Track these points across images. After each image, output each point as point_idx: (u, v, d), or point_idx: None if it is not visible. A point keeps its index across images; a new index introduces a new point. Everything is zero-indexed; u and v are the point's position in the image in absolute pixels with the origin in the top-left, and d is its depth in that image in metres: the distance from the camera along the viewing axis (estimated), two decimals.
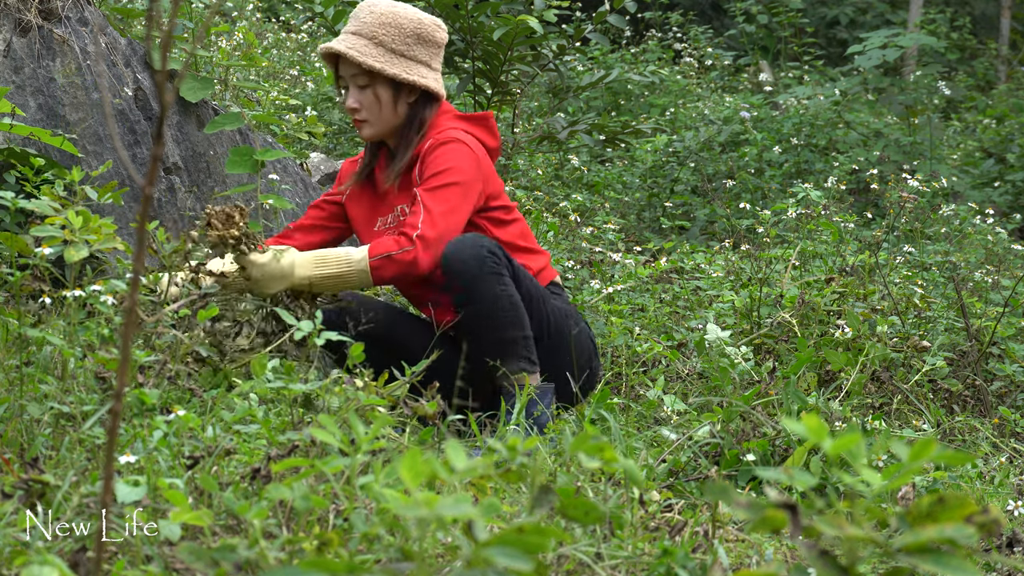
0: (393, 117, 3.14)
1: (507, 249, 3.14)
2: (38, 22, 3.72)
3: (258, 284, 2.86)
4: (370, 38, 3.09)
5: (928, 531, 1.20)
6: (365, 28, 3.10)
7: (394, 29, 3.09)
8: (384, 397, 2.28)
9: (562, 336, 3.17)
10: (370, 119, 3.13)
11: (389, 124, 3.14)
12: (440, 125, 3.16)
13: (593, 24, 5.80)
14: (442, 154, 3.07)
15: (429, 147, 3.09)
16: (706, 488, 1.30)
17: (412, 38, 3.10)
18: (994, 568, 2.46)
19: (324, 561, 1.20)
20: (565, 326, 3.17)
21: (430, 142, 3.10)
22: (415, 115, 3.14)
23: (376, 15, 3.10)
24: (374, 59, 3.06)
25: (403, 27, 3.09)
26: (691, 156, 7.64)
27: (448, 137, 3.10)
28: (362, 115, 3.13)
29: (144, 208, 1.23)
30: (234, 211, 2.81)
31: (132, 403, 2.08)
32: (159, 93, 1.72)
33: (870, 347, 3.50)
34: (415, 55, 3.11)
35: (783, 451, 2.87)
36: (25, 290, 2.47)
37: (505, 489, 2.30)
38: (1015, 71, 13.04)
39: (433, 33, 3.13)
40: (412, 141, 3.14)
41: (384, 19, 3.09)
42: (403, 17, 3.11)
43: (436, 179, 3.04)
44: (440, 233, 2.97)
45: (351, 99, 3.13)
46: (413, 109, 3.14)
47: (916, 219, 5.53)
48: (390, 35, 3.08)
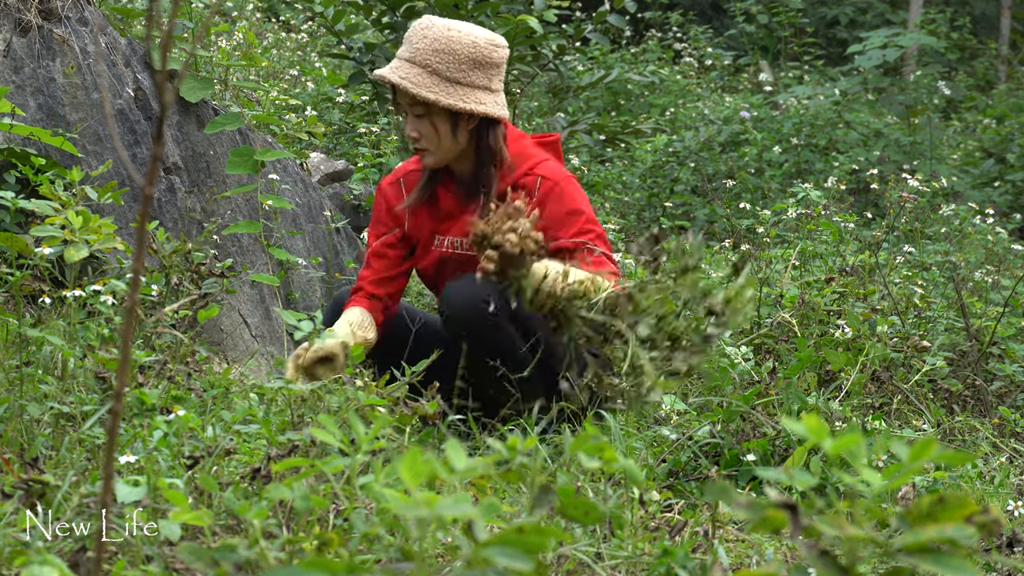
0: (454, 145, 3.04)
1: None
2: (38, 22, 3.72)
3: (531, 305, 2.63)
4: (424, 66, 2.97)
5: (928, 531, 1.20)
6: (419, 55, 2.98)
7: (448, 56, 2.97)
8: (384, 397, 2.28)
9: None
10: (430, 148, 3.04)
11: (450, 152, 3.05)
12: (530, 154, 3.11)
13: (593, 24, 5.80)
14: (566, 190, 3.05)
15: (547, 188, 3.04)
16: (706, 488, 1.30)
17: (468, 64, 2.98)
18: (994, 568, 2.46)
19: (324, 561, 1.20)
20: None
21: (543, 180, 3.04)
22: (481, 143, 3.05)
23: (429, 41, 2.98)
24: (428, 90, 2.96)
25: (457, 53, 2.97)
26: (691, 156, 7.64)
27: (560, 174, 3.07)
28: (422, 144, 3.04)
29: (144, 208, 1.23)
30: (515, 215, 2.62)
31: (132, 403, 2.08)
32: (159, 93, 1.72)
33: (870, 347, 3.50)
34: (472, 80, 2.99)
35: (783, 451, 2.87)
36: (25, 290, 2.47)
37: (505, 489, 2.30)
38: (1015, 71, 13.04)
39: (490, 55, 3.00)
40: (492, 175, 3.06)
41: (438, 45, 2.97)
42: (457, 42, 2.98)
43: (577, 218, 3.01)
44: (609, 255, 3.01)
45: (409, 127, 3.04)
46: (475, 136, 3.05)
47: (916, 219, 5.53)
48: (444, 62, 2.97)
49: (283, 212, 4.09)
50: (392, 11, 5.63)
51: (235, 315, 3.88)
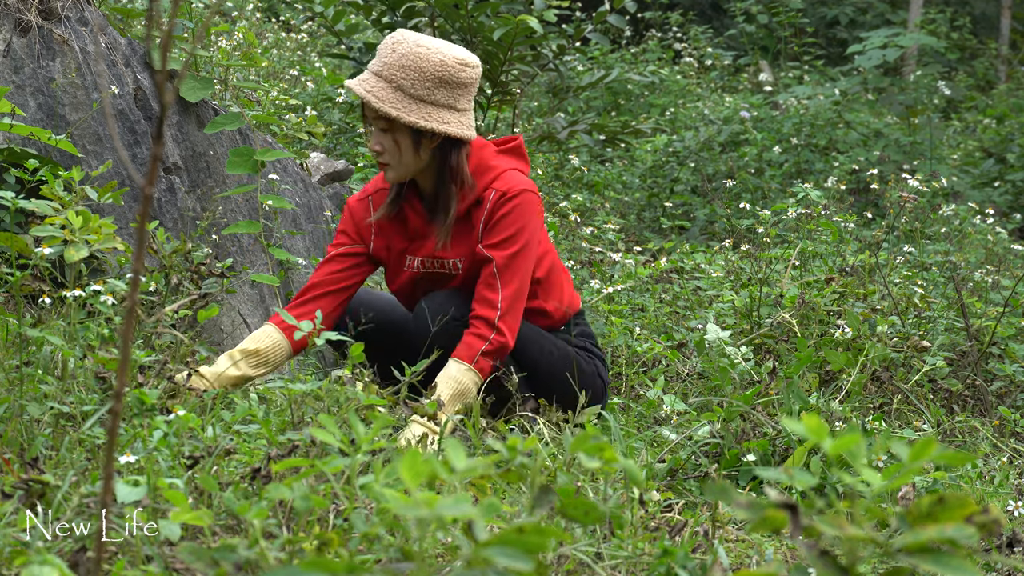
0: (415, 162, 3.04)
1: (536, 287, 3.16)
2: (38, 22, 3.72)
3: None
4: (389, 81, 2.97)
5: (928, 531, 1.20)
6: (386, 70, 2.98)
7: (414, 73, 2.96)
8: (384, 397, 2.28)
9: (561, 380, 3.18)
10: (392, 163, 3.04)
11: (411, 168, 3.05)
12: (490, 165, 3.10)
13: (593, 24, 5.80)
14: (513, 211, 3.05)
15: (498, 199, 3.05)
16: (706, 488, 1.30)
17: (433, 82, 2.97)
18: (994, 568, 2.46)
19: (324, 561, 1.20)
20: (565, 370, 3.18)
21: (495, 193, 3.05)
22: (444, 162, 3.05)
23: (397, 56, 2.98)
24: (391, 105, 2.95)
25: (423, 70, 2.96)
26: (691, 156, 7.64)
27: (515, 188, 3.06)
28: (384, 158, 3.04)
29: (144, 208, 1.23)
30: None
31: (132, 403, 2.08)
32: (159, 93, 1.72)
33: (870, 347, 3.50)
34: (436, 99, 2.98)
35: (783, 451, 2.87)
36: (25, 290, 2.47)
37: (505, 489, 2.30)
38: (1015, 71, 13.04)
39: (457, 74, 2.98)
40: (452, 193, 3.07)
41: (405, 61, 2.96)
42: (424, 59, 2.97)
43: (511, 245, 3.04)
44: (516, 302, 3.02)
45: (373, 140, 3.04)
46: (438, 154, 3.05)
47: (916, 219, 5.53)
48: (410, 79, 2.96)
49: (283, 212, 4.09)
50: (392, 11, 5.64)
51: (235, 315, 3.88)
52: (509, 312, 3.00)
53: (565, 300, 3.26)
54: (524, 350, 3.12)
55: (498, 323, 2.97)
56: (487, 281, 3.03)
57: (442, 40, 3.05)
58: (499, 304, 2.98)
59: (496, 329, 2.97)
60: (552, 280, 3.22)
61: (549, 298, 3.21)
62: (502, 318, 2.98)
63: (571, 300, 3.29)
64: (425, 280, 3.16)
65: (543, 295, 3.20)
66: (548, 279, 3.20)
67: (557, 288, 3.24)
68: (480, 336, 2.96)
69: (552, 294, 3.22)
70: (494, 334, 2.96)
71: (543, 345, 3.17)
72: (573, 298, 3.31)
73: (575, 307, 3.30)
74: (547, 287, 3.20)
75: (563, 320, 3.26)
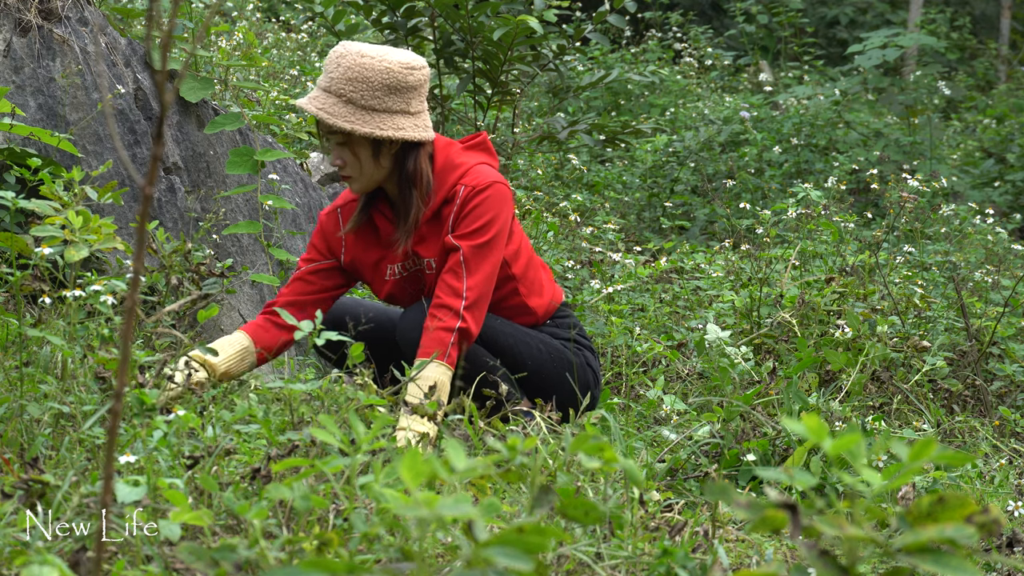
0: (377, 170, 3.04)
1: (516, 284, 3.16)
2: (38, 22, 3.72)
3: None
4: (339, 95, 2.96)
5: (928, 531, 1.20)
6: (334, 85, 2.98)
7: (361, 84, 2.96)
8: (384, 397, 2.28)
9: (552, 376, 3.18)
10: (355, 175, 3.04)
11: (375, 178, 3.05)
12: (458, 163, 3.10)
13: (593, 24, 5.80)
14: (483, 203, 3.05)
15: (468, 193, 3.05)
16: (706, 488, 1.30)
17: (382, 90, 2.96)
18: (994, 568, 2.46)
19: (324, 561, 1.20)
20: (555, 365, 3.18)
21: (465, 188, 3.05)
22: (403, 167, 3.05)
23: (343, 69, 2.97)
24: (344, 119, 2.95)
25: (370, 80, 2.96)
26: (691, 156, 7.64)
27: (484, 181, 3.06)
28: (346, 171, 3.05)
29: (144, 208, 1.23)
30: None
31: (132, 403, 2.08)
32: (159, 93, 1.72)
33: (870, 347, 3.50)
34: (388, 106, 2.98)
35: (783, 451, 2.87)
36: (25, 290, 2.47)
37: (505, 489, 2.30)
38: (1015, 71, 13.04)
39: (405, 79, 2.98)
40: (412, 197, 3.07)
41: (351, 74, 2.96)
42: (370, 68, 2.96)
43: (479, 236, 3.03)
44: (483, 293, 3.01)
45: (334, 156, 3.05)
46: (398, 160, 3.05)
47: (916, 219, 5.53)
48: (358, 91, 2.96)
49: (283, 212, 4.09)
50: (392, 11, 5.63)
51: (235, 315, 3.88)
52: (476, 303, 2.99)
53: (547, 294, 3.25)
54: (514, 354, 3.12)
55: (463, 312, 2.96)
56: (453, 269, 3.02)
57: (385, 47, 3.04)
58: (464, 292, 2.98)
59: (460, 317, 2.97)
60: (531, 275, 3.21)
61: (531, 294, 3.20)
62: (468, 308, 2.97)
63: (553, 293, 3.29)
64: (409, 282, 3.17)
65: (525, 292, 3.19)
66: (527, 275, 3.19)
67: (538, 283, 3.23)
68: (446, 328, 2.96)
69: (534, 289, 3.21)
70: (459, 322, 2.96)
71: (531, 344, 3.17)
72: (555, 290, 3.30)
73: (558, 299, 3.30)
74: (528, 283, 3.19)
75: (548, 315, 3.26)
